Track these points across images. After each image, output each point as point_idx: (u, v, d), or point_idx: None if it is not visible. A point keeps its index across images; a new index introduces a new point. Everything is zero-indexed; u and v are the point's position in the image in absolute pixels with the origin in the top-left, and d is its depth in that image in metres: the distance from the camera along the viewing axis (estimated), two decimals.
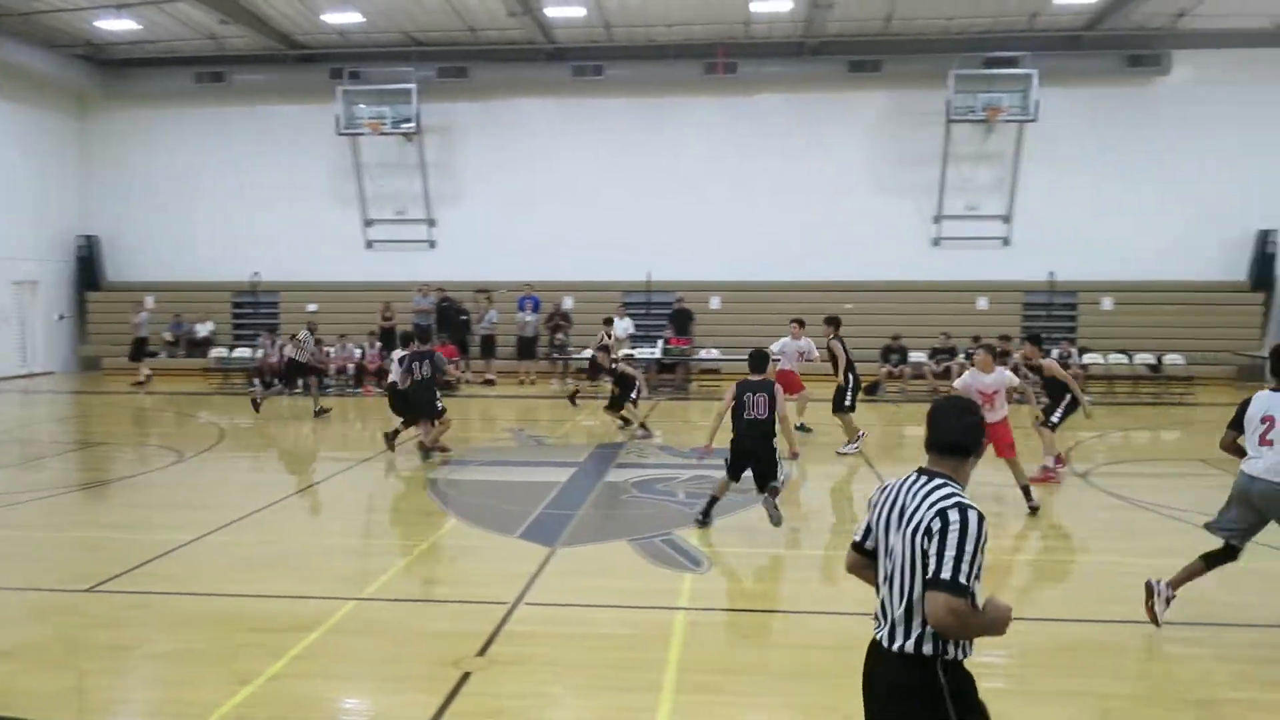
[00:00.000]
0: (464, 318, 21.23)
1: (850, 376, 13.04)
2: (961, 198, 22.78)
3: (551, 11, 20.85)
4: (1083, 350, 20.23)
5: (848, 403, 13.02)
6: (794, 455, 11.71)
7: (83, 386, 22.32)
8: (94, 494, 11.00)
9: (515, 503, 10.04)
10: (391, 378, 13.14)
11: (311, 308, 23.53)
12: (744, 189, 23.09)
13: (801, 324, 14.26)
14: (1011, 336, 16.61)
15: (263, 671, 5.58)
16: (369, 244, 24.44)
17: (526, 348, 21.76)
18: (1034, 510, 9.36)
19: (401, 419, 12.94)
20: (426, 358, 12.21)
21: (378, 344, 20.88)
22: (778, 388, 8.87)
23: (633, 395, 14.88)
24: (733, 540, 8.65)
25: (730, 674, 5.62)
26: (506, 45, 23.07)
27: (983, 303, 22.04)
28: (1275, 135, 21.80)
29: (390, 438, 12.66)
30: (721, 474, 8.99)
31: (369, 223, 24.35)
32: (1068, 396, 11.18)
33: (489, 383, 21.32)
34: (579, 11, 20.74)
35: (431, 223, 24.23)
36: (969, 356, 13.84)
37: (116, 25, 21.50)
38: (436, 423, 12.17)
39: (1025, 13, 20.89)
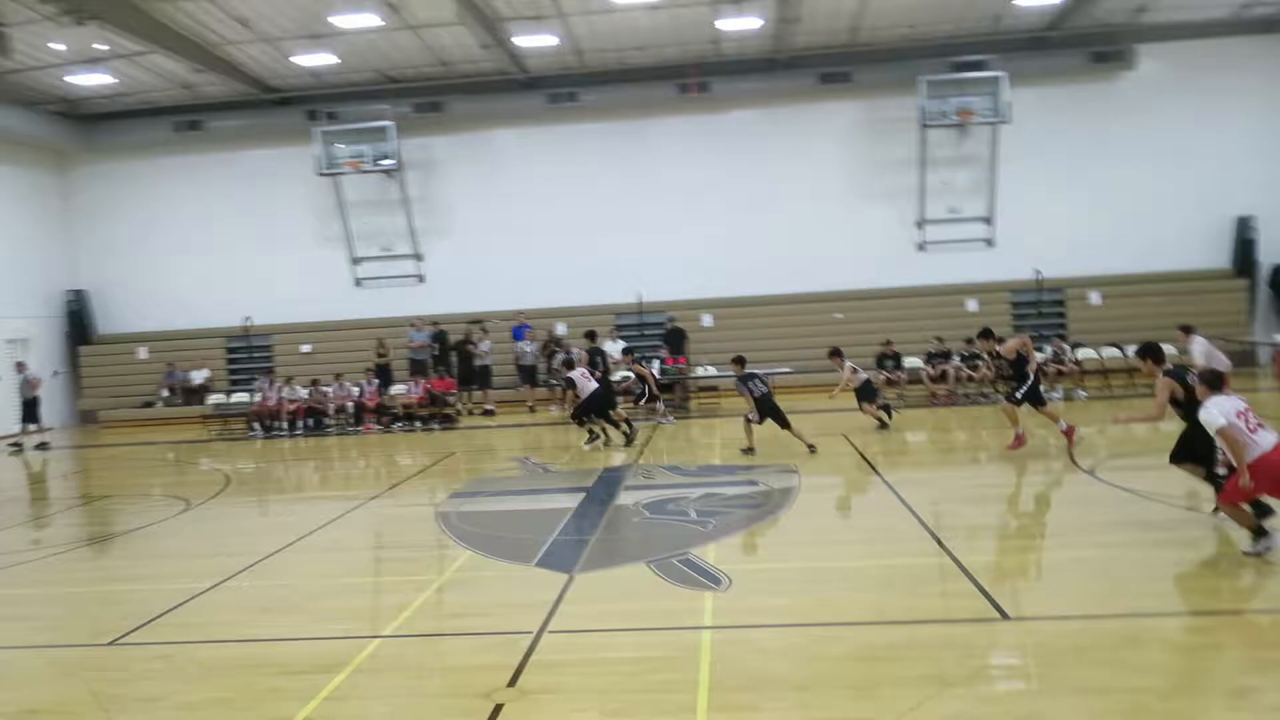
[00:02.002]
0: (469, 348, 21.39)
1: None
2: (942, 201, 23.02)
3: (522, 41, 21.01)
4: (1075, 345, 20.36)
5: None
6: None
7: (82, 440, 22.25)
8: (106, 547, 10.96)
9: (528, 531, 10.05)
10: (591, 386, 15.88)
11: (306, 348, 23.61)
12: (725, 205, 23.26)
13: (1188, 330, 15.57)
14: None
15: (295, 716, 5.57)
16: (358, 281, 24.49)
17: (528, 375, 21.79)
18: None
19: (601, 419, 15.73)
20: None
21: (375, 380, 20.89)
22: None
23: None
24: (746, 557, 8.71)
25: (763, 691, 5.62)
26: (480, 77, 23.24)
27: (972, 304, 22.24)
28: (1241, 122, 22.20)
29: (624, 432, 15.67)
30: None
31: (356, 260, 24.41)
32: (1030, 377, 12.57)
33: (488, 413, 21.33)
34: (550, 40, 20.91)
35: (419, 257, 24.31)
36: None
37: (90, 80, 21.60)
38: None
39: (988, 16, 21.20)
